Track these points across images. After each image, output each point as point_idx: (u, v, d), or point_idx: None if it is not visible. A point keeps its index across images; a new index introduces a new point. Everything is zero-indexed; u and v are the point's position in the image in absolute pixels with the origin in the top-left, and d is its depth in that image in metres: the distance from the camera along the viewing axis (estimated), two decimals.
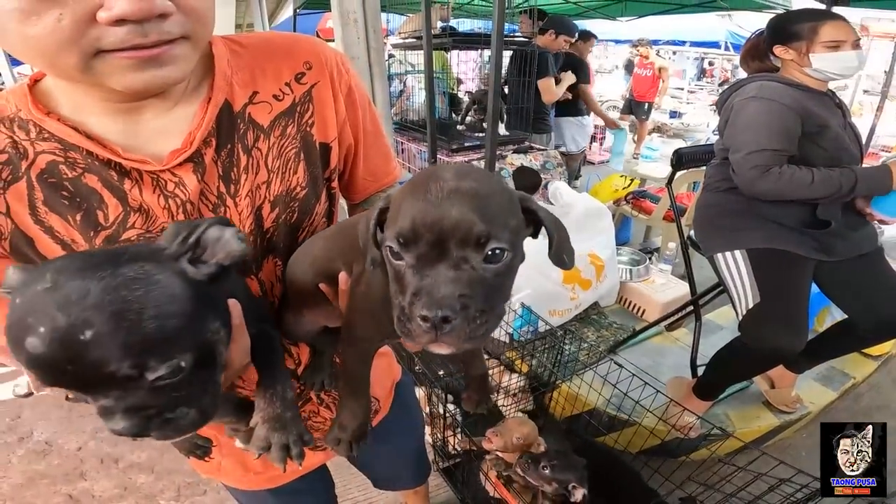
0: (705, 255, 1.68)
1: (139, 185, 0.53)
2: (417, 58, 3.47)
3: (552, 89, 3.18)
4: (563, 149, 4.01)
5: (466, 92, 3.66)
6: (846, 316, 1.62)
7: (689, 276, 1.96)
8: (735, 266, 1.54)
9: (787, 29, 1.45)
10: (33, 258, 0.52)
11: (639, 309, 2.52)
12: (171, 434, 0.38)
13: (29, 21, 0.40)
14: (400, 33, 3.47)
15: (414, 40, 3.12)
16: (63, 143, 0.50)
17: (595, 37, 4.45)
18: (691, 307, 1.99)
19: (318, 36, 6.60)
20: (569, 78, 3.30)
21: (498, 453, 1.45)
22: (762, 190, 1.42)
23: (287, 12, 7.39)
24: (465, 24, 4.24)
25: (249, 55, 0.60)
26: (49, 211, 0.51)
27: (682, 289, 2.47)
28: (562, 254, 0.46)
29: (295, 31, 5.88)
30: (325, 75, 0.64)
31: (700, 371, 1.83)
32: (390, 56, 4.56)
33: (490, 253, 0.39)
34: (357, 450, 0.57)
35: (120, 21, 0.41)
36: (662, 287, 2.54)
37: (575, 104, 3.79)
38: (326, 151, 0.66)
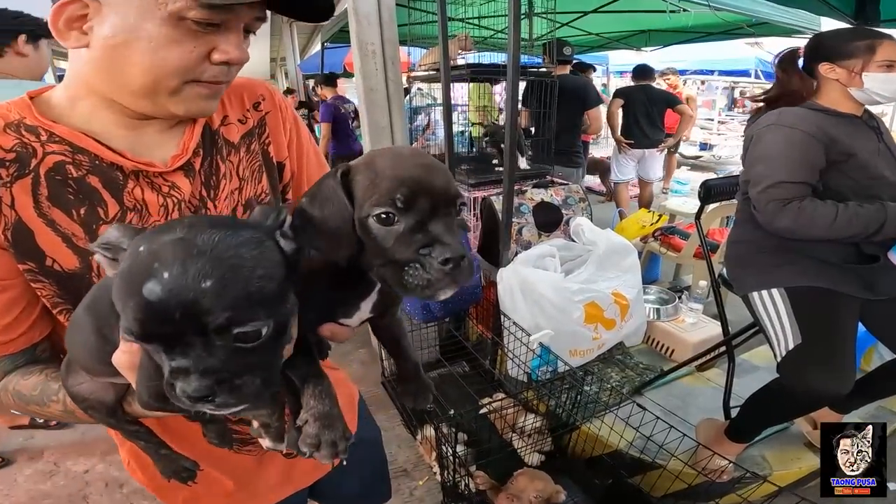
0: (738, 294, 1.65)
1: (139, 185, 0.63)
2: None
3: (600, 119, 3.28)
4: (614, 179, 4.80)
5: (481, 124, 3.75)
6: (895, 355, 1.57)
7: (721, 316, 1.94)
8: (773, 305, 1.51)
9: (839, 46, 1.42)
10: (30, 251, 0.58)
11: (667, 349, 2.48)
12: (234, 402, 0.39)
13: (168, 47, 0.54)
14: (420, 65, 3.60)
15: (433, 72, 3.24)
16: (72, 147, 0.59)
17: (593, 68, 5.04)
18: (723, 347, 1.96)
19: (344, 70, 6.89)
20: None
21: None
22: (781, 226, 1.39)
23: (316, 47, 7.80)
24: (486, 58, 4.38)
25: None
26: (52, 206, 0.58)
27: (713, 328, 2.44)
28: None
29: (323, 64, 6.23)
30: (275, 107, 0.79)
31: (734, 413, 1.78)
32: (418, 89, 4.71)
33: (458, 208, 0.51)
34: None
35: (223, 63, 0.58)
36: (693, 326, 2.51)
37: None
38: (281, 168, 0.81)
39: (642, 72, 4.75)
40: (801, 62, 1.54)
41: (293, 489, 0.95)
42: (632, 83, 4.90)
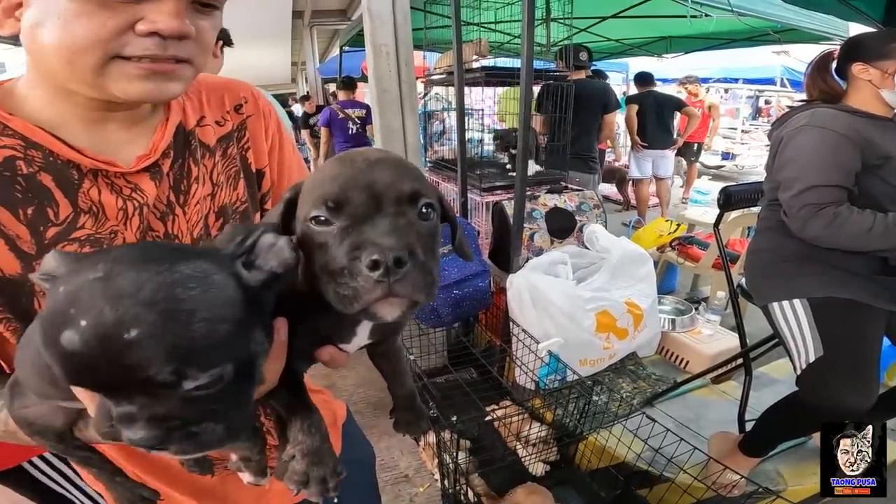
0: (758, 305, 1.61)
1: (97, 185, 0.58)
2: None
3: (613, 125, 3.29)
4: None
5: (493, 133, 3.76)
6: None
7: (739, 328, 1.90)
8: (794, 316, 1.47)
9: (875, 46, 1.41)
10: None
11: (682, 360, 2.43)
12: (191, 450, 0.36)
13: (77, 20, 0.48)
14: (435, 68, 3.61)
15: (448, 76, 3.24)
16: (26, 141, 0.55)
17: (606, 76, 5.35)
18: (741, 360, 1.91)
19: (362, 74, 6.97)
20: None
21: None
22: (813, 233, 1.36)
23: (335, 51, 7.92)
24: (502, 62, 4.40)
25: (198, 86, 0.71)
26: None
27: (731, 340, 2.39)
28: (462, 246, 0.51)
29: (341, 67, 6.32)
30: (258, 111, 0.75)
31: (749, 427, 1.74)
32: (435, 94, 4.72)
33: (422, 210, 0.43)
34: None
35: (151, 34, 0.50)
36: (709, 338, 2.46)
37: None
38: (260, 176, 0.76)
39: (644, 78, 5.27)
40: (833, 65, 1.51)
41: None
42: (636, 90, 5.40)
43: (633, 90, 5.74)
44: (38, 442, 0.54)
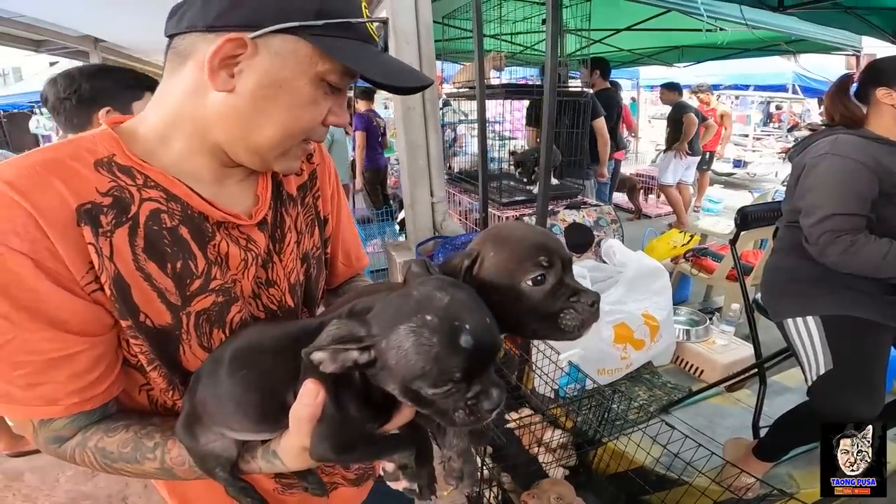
0: (773, 321, 1.68)
1: (223, 238, 0.61)
2: (472, 106, 3.69)
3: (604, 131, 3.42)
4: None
5: (511, 152, 3.82)
6: None
7: (754, 340, 1.96)
8: (807, 332, 1.54)
9: None
10: (128, 307, 0.55)
11: (696, 369, 2.51)
12: (502, 404, 0.47)
13: (307, 106, 0.56)
14: (454, 83, 3.70)
15: (468, 90, 3.34)
16: (167, 193, 0.56)
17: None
18: (755, 370, 1.99)
19: None
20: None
21: None
22: (831, 259, 1.40)
23: None
24: (518, 72, 4.49)
25: None
26: (148, 258, 0.55)
27: (745, 350, 2.46)
28: None
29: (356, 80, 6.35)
30: (323, 160, 0.80)
31: (763, 433, 1.81)
32: (445, 104, 4.81)
33: None
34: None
35: (331, 125, 0.60)
36: (724, 348, 2.53)
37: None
38: (325, 222, 0.81)
39: (677, 87, 5.70)
40: (853, 87, 1.52)
41: None
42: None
43: (644, 96, 5.95)
44: (215, 474, 0.59)
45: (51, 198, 0.50)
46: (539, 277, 0.53)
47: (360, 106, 5.54)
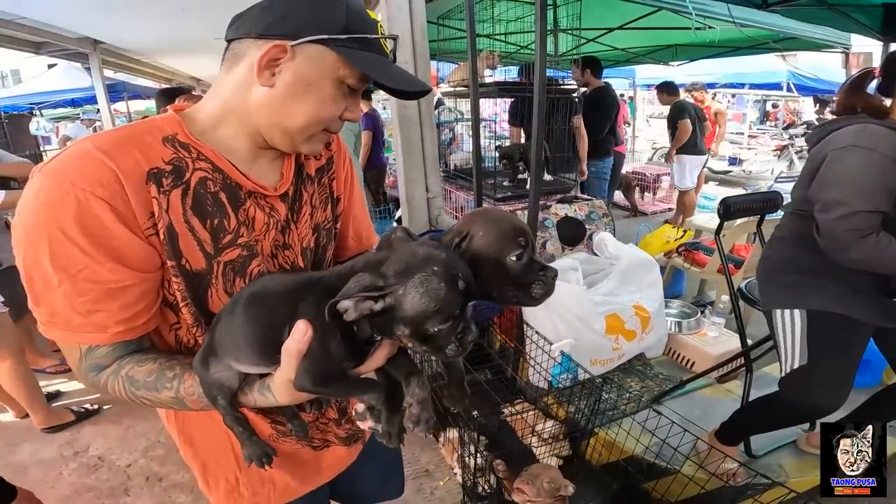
0: (762, 310, 1.70)
1: (255, 204, 0.76)
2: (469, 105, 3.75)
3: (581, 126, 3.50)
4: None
5: (496, 146, 3.87)
6: None
7: (739, 329, 2.00)
8: (790, 324, 1.56)
9: None
10: (175, 251, 0.68)
11: (688, 361, 2.55)
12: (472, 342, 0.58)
13: (330, 102, 0.70)
14: (449, 82, 3.74)
15: (463, 89, 3.38)
16: (213, 166, 0.71)
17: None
18: (742, 359, 2.03)
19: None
20: None
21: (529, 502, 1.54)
22: (854, 258, 1.36)
23: None
24: (512, 72, 4.53)
25: None
26: (193, 214, 0.69)
27: (735, 342, 2.49)
28: None
29: None
30: (339, 149, 0.95)
31: None
32: (439, 104, 4.86)
33: None
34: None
35: (346, 119, 0.74)
36: (714, 340, 2.58)
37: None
38: (337, 201, 0.95)
39: (675, 88, 5.71)
40: (875, 82, 1.48)
41: (323, 480, 1.02)
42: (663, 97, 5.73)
43: (641, 95, 5.96)
44: (216, 402, 0.68)
45: (129, 161, 0.64)
46: (520, 254, 0.64)
47: (364, 107, 5.64)
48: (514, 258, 0.64)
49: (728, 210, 1.93)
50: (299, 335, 0.56)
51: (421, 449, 2.32)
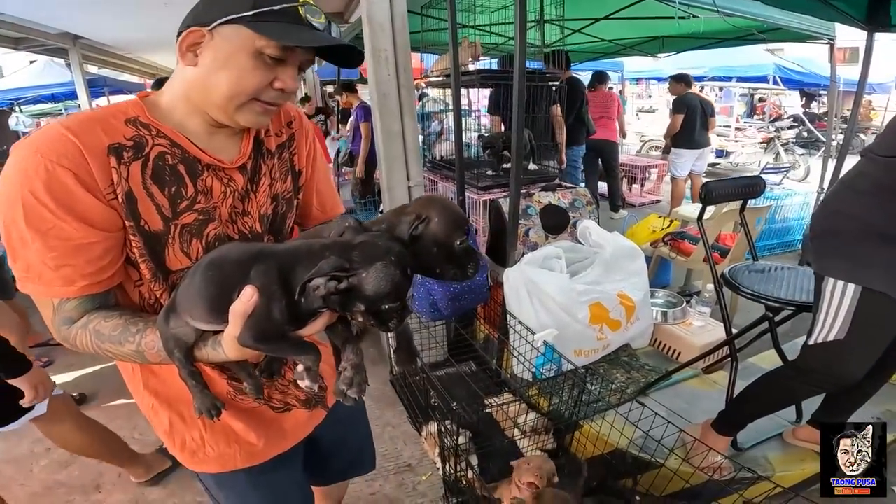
0: (815, 269, 1.54)
1: (210, 175, 0.85)
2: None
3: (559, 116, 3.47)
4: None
5: (479, 136, 3.84)
6: None
7: (724, 317, 1.96)
8: (840, 297, 1.43)
9: None
10: (133, 213, 0.77)
11: (674, 352, 2.51)
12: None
13: (250, 73, 0.76)
14: (432, 71, 3.68)
15: (444, 78, 3.32)
16: (171, 141, 0.81)
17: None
18: (727, 348, 1.99)
19: (360, 76, 7.08)
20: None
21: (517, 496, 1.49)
22: None
23: None
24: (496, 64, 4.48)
25: None
26: (153, 182, 0.79)
27: (721, 332, 2.46)
28: None
29: (339, 73, 6.47)
30: (301, 127, 1.04)
31: None
32: (423, 94, 4.82)
33: None
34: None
35: (280, 90, 0.79)
36: (700, 330, 2.54)
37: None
38: (299, 174, 1.04)
39: (683, 79, 5.78)
40: None
41: (288, 444, 1.09)
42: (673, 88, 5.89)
43: (629, 89, 5.96)
44: (173, 355, 0.74)
45: (93, 138, 0.74)
46: (464, 239, 0.76)
47: (352, 100, 5.70)
48: (459, 243, 0.75)
49: (710, 195, 1.88)
50: (245, 298, 0.63)
51: (404, 443, 2.27)
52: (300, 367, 0.71)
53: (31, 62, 8.66)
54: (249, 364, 0.86)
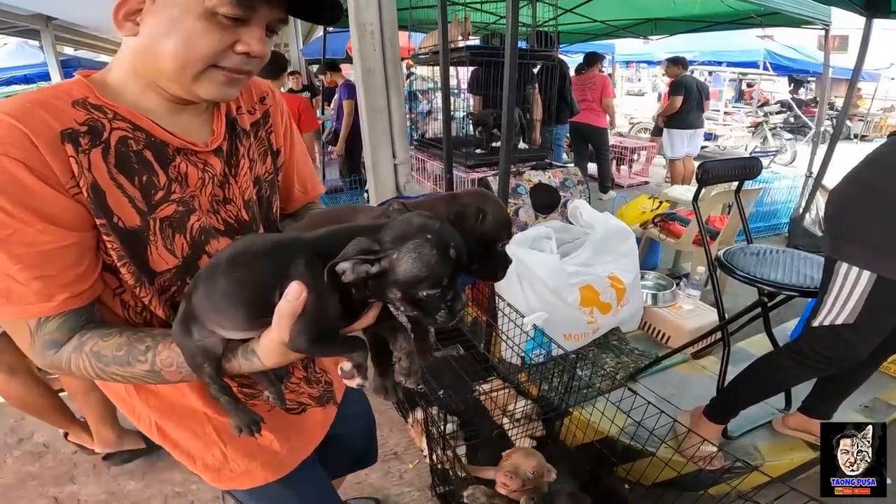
0: (826, 252, 1.48)
1: (186, 160, 0.74)
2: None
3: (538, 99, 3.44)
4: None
5: (469, 113, 3.76)
6: None
7: (717, 300, 1.89)
8: (853, 283, 1.38)
9: None
10: (102, 208, 0.65)
11: (663, 335, 2.46)
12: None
13: (201, 37, 0.63)
14: (420, 48, 3.57)
15: (432, 55, 3.21)
16: (133, 125, 0.69)
17: None
18: (719, 333, 1.93)
19: (346, 54, 6.92)
20: None
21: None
22: None
23: (319, 32, 7.78)
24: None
25: None
26: (119, 172, 0.67)
27: (710, 315, 2.42)
28: None
29: (325, 49, 6.38)
30: (275, 103, 0.93)
31: None
32: (410, 73, 4.72)
33: None
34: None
35: (244, 54, 0.66)
36: (690, 313, 2.49)
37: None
38: (277, 154, 0.94)
39: (679, 61, 5.78)
40: None
41: (311, 447, 1.02)
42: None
43: (620, 73, 5.93)
44: (200, 370, 0.65)
45: (39, 122, 0.61)
46: (506, 243, 0.73)
47: (337, 79, 5.63)
48: (501, 245, 0.72)
49: (707, 175, 1.80)
50: (293, 296, 0.54)
51: (390, 430, 2.20)
52: (347, 366, 0.64)
53: (4, 44, 8.38)
54: (270, 371, 0.75)
